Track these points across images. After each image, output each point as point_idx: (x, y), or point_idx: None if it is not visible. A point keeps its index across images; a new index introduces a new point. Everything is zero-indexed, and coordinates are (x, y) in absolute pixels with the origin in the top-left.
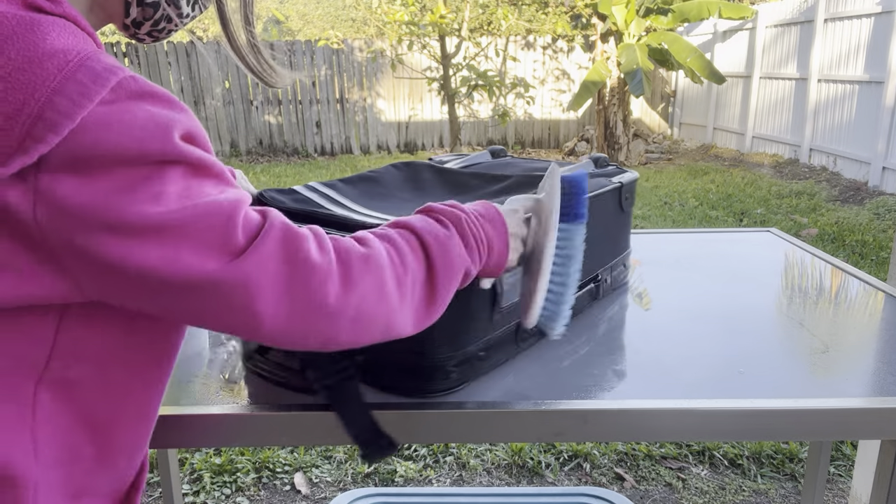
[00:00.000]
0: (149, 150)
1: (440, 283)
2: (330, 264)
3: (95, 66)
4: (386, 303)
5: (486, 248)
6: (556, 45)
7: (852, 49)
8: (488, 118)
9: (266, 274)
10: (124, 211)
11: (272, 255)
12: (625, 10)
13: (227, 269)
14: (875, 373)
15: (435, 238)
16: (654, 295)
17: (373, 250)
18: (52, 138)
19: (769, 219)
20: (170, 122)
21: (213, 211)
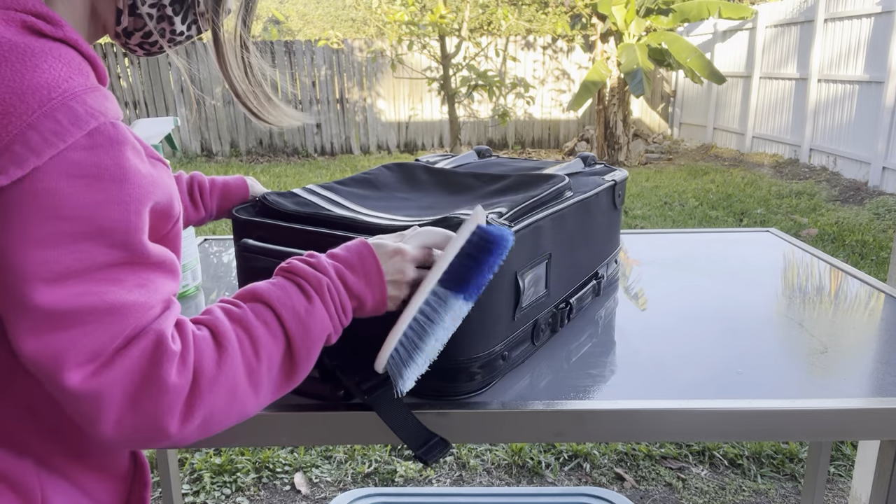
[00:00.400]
0: (102, 229)
1: (300, 358)
2: (184, 388)
3: (77, 108)
4: (239, 402)
5: (353, 309)
6: (556, 45)
7: (852, 49)
8: (488, 118)
9: (119, 390)
10: (25, 283)
11: (131, 369)
12: (625, 10)
13: (86, 382)
14: (874, 373)
15: (294, 314)
16: (654, 295)
17: (226, 349)
18: (14, 171)
19: (769, 219)
20: (135, 203)
21: (108, 311)
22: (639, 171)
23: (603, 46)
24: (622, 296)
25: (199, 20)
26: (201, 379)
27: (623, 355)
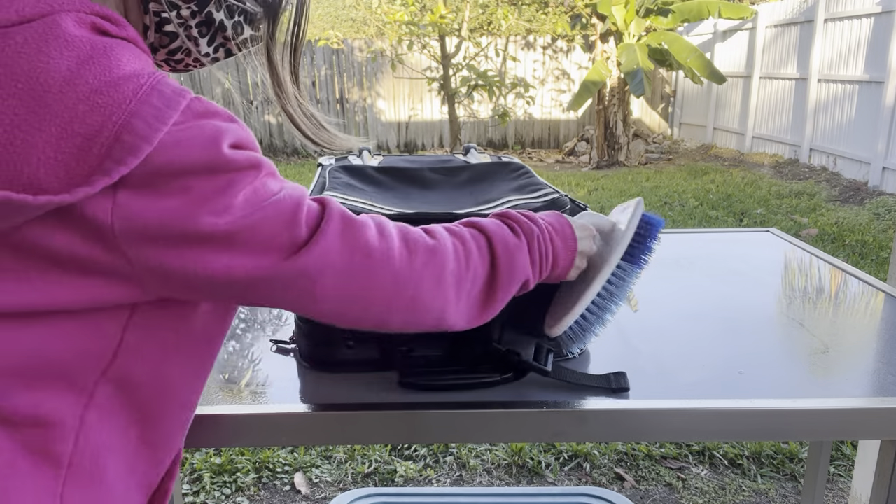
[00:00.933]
0: (214, 162)
1: (500, 287)
2: (390, 250)
3: (165, 90)
4: (442, 295)
5: (551, 265)
6: (556, 45)
7: (852, 49)
8: (488, 118)
9: (328, 264)
10: (196, 222)
11: (333, 245)
12: (624, 10)
13: (289, 263)
14: (875, 373)
15: (504, 245)
16: (654, 295)
17: (439, 243)
18: (132, 160)
19: (769, 219)
20: (228, 135)
21: (277, 212)
22: (639, 171)
23: (603, 46)
24: None
25: (228, 44)
26: (416, 249)
27: (623, 355)
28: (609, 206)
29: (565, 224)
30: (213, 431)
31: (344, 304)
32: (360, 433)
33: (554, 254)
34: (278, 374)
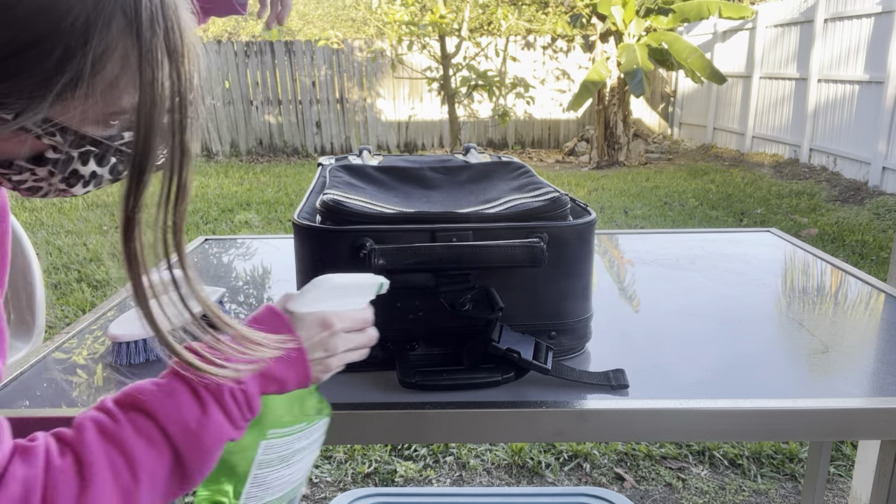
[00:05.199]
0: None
1: (192, 469)
2: None
3: None
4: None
5: (274, 392)
6: (556, 45)
7: (852, 49)
8: (488, 118)
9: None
10: None
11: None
12: (624, 10)
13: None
14: (875, 373)
15: (182, 427)
16: (654, 295)
17: (91, 483)
18: None
19: (769, 219)
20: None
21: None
22: (639, 171)
23: (603, 46)
24: (623, 296)
25: (112, 181)
26: None
27: (623, 355)
28: (609, 206)
29: (283, 333)
30: None
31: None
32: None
33: (279, 379)
34: None
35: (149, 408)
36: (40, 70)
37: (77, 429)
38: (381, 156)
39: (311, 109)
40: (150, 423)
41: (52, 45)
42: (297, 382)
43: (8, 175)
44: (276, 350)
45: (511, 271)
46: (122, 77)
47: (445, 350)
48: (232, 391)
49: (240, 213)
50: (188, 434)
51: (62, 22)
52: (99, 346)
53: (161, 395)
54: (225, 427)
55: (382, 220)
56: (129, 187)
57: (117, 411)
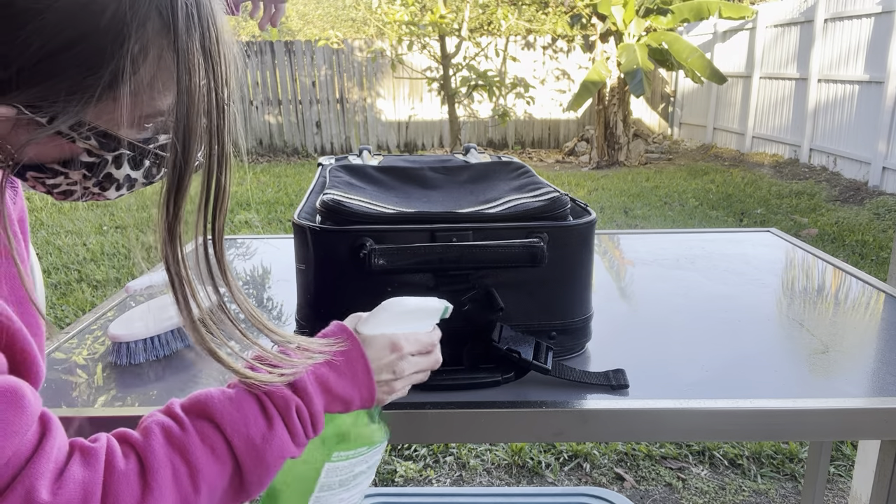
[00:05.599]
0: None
1: (250, 485)
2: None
3: None
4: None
5: (339, 412)
6: (556, 45)
7: (852, 49)
8: (488, 118)
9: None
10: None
11: None
12: (624, 10)
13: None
14: (875, 373)
15: (247, 441)
16: (654, 295)
17: (153, 490)
18: None
19: (769, 219)
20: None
21: None
22: (639, 171)
23: (603, 46)
24: (623, 296)
25: (146, 183)
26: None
27: (623, 355)
28: (609, 206)
29: (354, 355)
30: None
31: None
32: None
33: (343, 398)
34: None
35: (217, 418)
36: (75, 73)
37: (145, 433)
38: (381, 156)
39: (311, 109)
40: (217, 433)
41: (87, 48)
42: (362, 403)
43: (42, 179)
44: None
45: (511, 271)
46: (158, 78)
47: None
48: (298, 408)
49: (240, 213)
50: (252, 448)
51: (97, 24)
52: (99, 346)
53: (230, 406)
54: (288, 444)
55: (382, 220)
56: (168, 192)
57: (185, 418)
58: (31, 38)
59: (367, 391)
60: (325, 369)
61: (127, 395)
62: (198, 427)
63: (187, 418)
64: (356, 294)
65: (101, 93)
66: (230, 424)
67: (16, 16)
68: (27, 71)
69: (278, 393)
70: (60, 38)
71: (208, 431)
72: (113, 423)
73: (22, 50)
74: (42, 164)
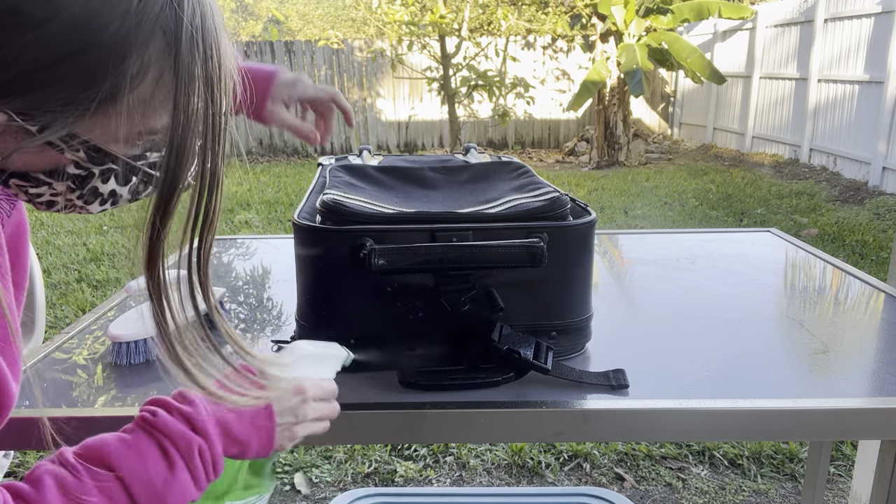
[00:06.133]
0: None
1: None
2: None
3: None
4: None
5: (234, 455)
6: (556, 45)
7: (852, 49)
8: (488, 118)
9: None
10: None
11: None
12: (624, 10)
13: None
14: (875, 373)
15: (148, 488)
16: (653, 295)
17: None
18: None
19: (769, 219)
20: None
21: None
22: (639, 171)
23: (603, 46)
24: (623, 296)
25: (128, 200)
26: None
27: (623, 355)
28: (609, 206)
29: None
30: None
31: None
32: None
33: (242, 441)
34: None
35: (114, 463)
36: (72, 85)
37: (35, 484)
38: (381, 156)
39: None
40: (114, 480)
41: (88, 61)
42: (259, 448)
43: (25, 187)
44: (284, 388)
45: (511, 271)
46: (155, 97)
47: (445, 350)
48: (201, 450)
49: (240, 213)
50: (153, 495)
51: (100, 38)
52: (99, 346)
53: (127, 450)
54: (189, 488)
55: (382, 220)
56: (155, 210)
57: (79, 466)
58: (32, 46)
59: (267, 436)
60: (227, 412)
61: (127, 395)
62: (93, 474)
63: (81, 465)
64: (356, 294)
65: (96, 107)
66: (128, 469)
67: (19, 23)
68: (23, 78)
69: (179, 434)
70: (62, 48)
71: (104, 478)
72: (113, 423)
73: (21, 57)
74: (27, 173)
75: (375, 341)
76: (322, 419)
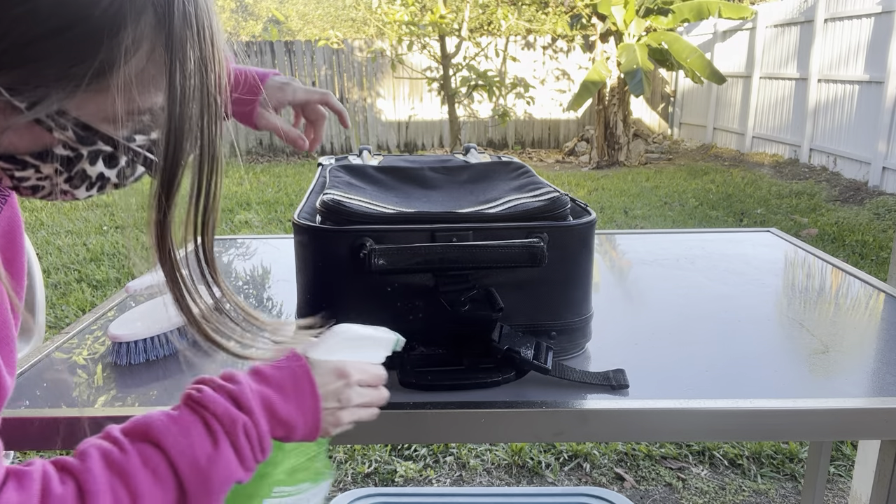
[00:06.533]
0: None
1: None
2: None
3: None
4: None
5: (281, 438)
6: (556, 45)
7: (852, 49)
8: (488, 118)
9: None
10: None
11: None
12: (624, 11)
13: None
14: (875, 373)
15: (192, 463)
16: (654, 295)
17: (88, 496)
18: None
19: (769, 219)
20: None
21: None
22: (639, 171)
23: (603, 46)
24: (623, 296)
25: (117, 185)
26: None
27: (623, 355)
28: (609, 206)
29: (301, 378)
30: None
31: None
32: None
33: (287, 422)
34: None
35: (159, 439)
36: (63, 59)
37: (81, 456)
38: (381, 156)
39: None
40: (160, 455)
41: (79, 35)
42: (306, 430)
43: (11, 171)
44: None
45: (511, 271)
46: (147, 72)
47: (445, 350)
48: (246, 427)
49: (240, 213)
50: (197, 471)
51: (91, 12)
52: (99, 346)
53: (173, 426)
54: (234, 466)
55: (382, 220)
56: (159, 191)
57: (125, 441)
58: (23, 19)
59: (313, 418)
60: (271, 390)
61: (127, 395)
62: (139, 449)
63: (127, 441)
64: (356, 294)
65: (88, 82)
66: (174, 446)
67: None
68: (13, 52)
69: (223, 411)
70: (53, 22)
71: (150, 454)
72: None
73: (10, 30)
74: (13, 155)
75: None
76: (369, 405)
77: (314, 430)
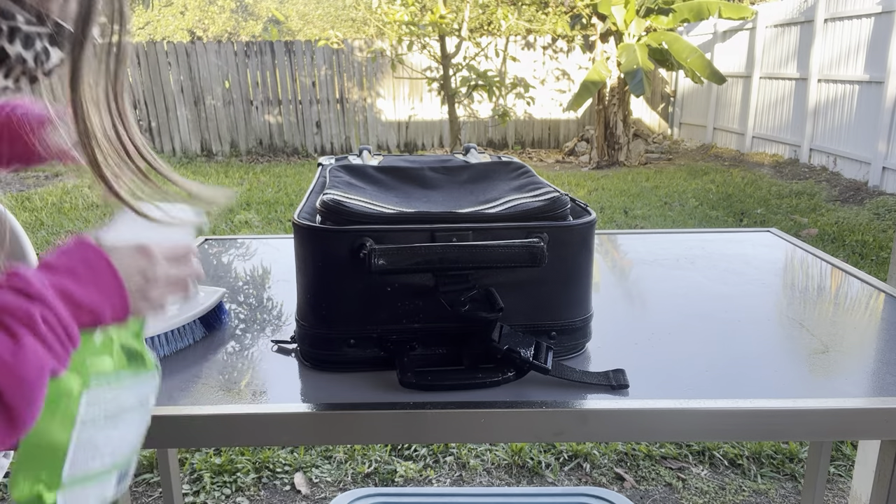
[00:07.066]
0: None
1: (18, 408)
2: None
3: None
4: None
5: (89, 324)
6: (556, 45)
7: (852, 49)
8: (488, 118)
9: None
10: None
11: None
12: (624, 10)
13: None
14: (875, 373)
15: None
16: (654, 295)
17: None
18: None
19: (769, 219)
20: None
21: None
22: (639, 171)
23: (603, 46)
24: (623, 296)
25: (32, 73)
26: None
27: (623, 355)
28: (609, 206)
29: (93, 260)
30: (213, 431)
31: None
32: (360, 433)
33: (91, 308)
34: (279, 374)
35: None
36: None
37: None
38: (381, 156)
39: (311, 109)
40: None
41: None
42: (113, 313)
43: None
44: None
45: (511, 271)
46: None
47: (445, 350)
48: (44, 316)
49: (240, 213)
50: (6, 369)
51: None
52: None
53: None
54: (43, 355)
55: (382, 220)
56: (72, 65)
57: None
58: None
59: (119, 299)
60: (64, 279)
61: None
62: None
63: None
64: (356, 294)
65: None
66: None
67: None
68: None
69: (15, 305)
70: None
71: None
72: None
73: None
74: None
75: (375, 342)
76: (181, 279)
77: (122, 310)
